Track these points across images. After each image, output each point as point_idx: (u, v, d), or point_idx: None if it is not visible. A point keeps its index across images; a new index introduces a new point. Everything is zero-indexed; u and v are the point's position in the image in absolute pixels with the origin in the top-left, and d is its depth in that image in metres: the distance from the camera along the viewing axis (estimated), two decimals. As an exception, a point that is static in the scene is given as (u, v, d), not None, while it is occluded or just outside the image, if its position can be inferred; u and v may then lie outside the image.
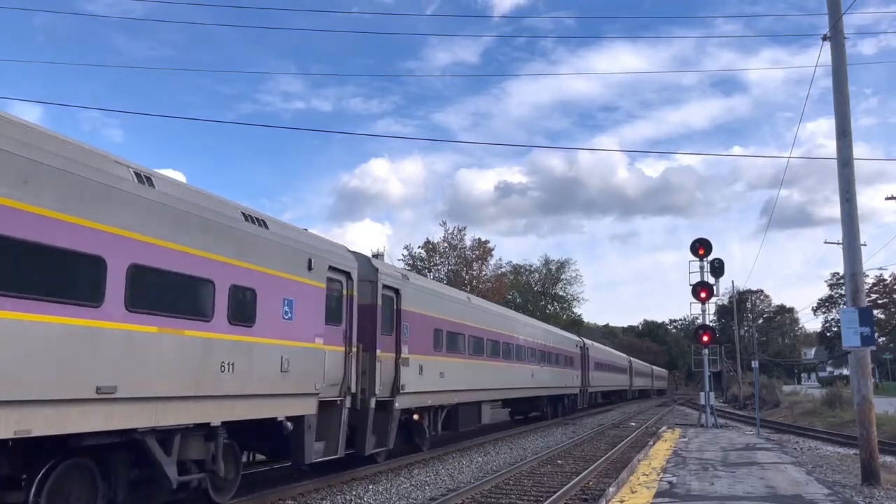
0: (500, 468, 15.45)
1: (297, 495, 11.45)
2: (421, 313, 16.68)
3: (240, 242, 9.98)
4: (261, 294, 10.30)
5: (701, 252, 27.09)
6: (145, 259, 8.16)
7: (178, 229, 8.75)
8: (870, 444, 12.53)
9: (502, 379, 23.45)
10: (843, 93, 13.51)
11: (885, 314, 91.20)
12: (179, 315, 8.68)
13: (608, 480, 13.17)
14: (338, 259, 12.98)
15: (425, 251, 60.14)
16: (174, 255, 8.64)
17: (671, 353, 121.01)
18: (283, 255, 11.03)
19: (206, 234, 9.27)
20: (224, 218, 9.78)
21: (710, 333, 27.45)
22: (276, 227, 11.30)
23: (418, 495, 11.87)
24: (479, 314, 21.80)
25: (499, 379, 23.01)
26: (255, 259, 10.29)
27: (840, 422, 29.26)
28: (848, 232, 13.27)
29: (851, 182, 13.20)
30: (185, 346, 8.75)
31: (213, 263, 9.34)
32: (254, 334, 10.09)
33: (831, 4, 13.95)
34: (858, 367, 12.99)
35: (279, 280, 10.85)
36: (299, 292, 11.36)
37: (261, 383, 10.21)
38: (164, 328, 8.40)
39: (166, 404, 8.44)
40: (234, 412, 9.68)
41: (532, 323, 31.32)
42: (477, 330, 21.03)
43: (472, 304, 22.09)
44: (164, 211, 8.58)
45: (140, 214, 8.17)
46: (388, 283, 15.07)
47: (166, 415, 8.44)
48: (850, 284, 13.17)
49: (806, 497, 10.63)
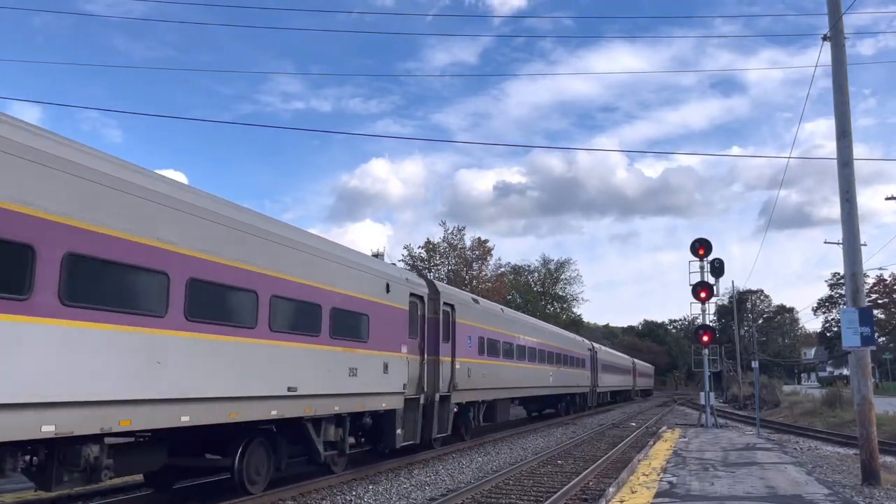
0: (500, 468, 15.44)
1: (297, 495, 11.45)
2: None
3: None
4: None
5: (701, 252, 27.10)
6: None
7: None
8: (870, 444, 12.53)
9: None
10: (844, 93, 13.51)
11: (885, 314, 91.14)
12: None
13: (608, 480, 13.16)
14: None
15: (425, 251, 60.12)
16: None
17: (671, 353, 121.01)
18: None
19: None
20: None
21: (710, 333, 27.44)
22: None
23: (418, 495, 11.86)
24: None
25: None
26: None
27: (840, 422, 29.26)
28: (848, 232, 13.27)
29: (851, 182, 13.19)
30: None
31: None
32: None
33: (831, 4, 13.95)
34: (858, 367, 12.99)
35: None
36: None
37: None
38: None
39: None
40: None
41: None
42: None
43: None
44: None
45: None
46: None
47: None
48: (850, 284, 13.17)
49: (806, 497, 10.63)
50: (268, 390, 10.37)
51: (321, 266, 12.11)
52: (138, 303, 8.22)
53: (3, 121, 7.02)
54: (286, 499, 11.18)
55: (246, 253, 10.12)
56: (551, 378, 30.71)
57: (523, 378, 25.89)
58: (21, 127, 7.24)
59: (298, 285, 11.31)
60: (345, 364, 12.58)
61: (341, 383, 12.45)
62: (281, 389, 10.66)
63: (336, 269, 12.58)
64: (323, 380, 11.88)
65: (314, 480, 12.46)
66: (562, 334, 36.60)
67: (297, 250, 11.50)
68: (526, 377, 26.35)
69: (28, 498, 10.77)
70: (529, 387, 27.28)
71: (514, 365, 24.73)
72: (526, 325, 28.06)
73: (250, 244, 10.26)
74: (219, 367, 9.40)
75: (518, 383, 25.18)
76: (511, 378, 24.12)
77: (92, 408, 7.49)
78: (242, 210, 10.77)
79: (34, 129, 7.48)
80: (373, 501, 11.38)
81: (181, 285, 8.80)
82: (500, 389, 22.74)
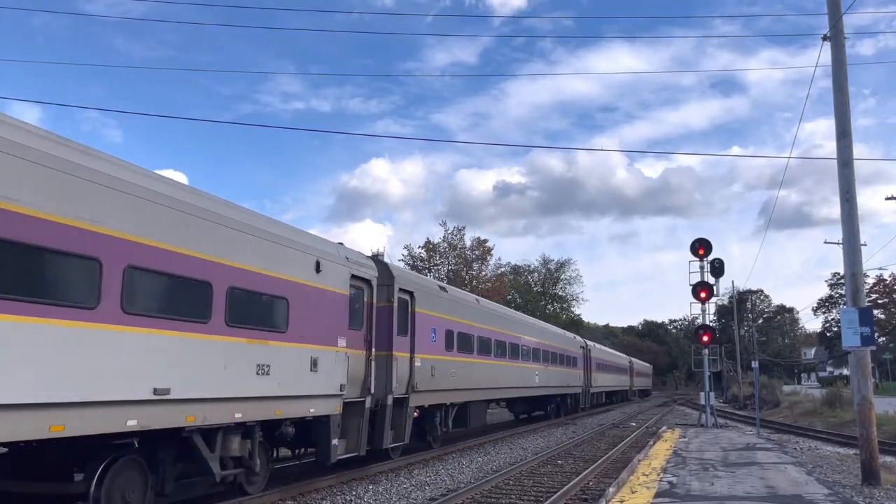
0: (500, 468, 15.44)
1: (297, 495, 11.45)
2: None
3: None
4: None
5: (701, 252, 27.08)
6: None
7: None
8: (870, 444, 12.53)
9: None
10: (844, 92, 13.51)
11: (885, 314, 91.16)
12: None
13: (608, 480, 13.16)
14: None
15: (425, 251, 60.14)
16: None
17: (671, 353, 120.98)
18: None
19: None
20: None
21: (710, 333, 27.42)
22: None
23: (418, 495, 11.87)
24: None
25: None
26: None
27: (840, 422, 29.24)
28: (848, 232, 13.27)
29: (852, 182, 13.19)
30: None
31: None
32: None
33: (831, 4, 13.95)
34: (858, 367, 12.98)
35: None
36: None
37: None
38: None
39: None
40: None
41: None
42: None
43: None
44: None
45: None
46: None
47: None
48: (850, 284, 13.16)
49: (806, 497, 10.62)
50: (121, 393, 7.75)
51: (212, 232, 9.41)
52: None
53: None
54: (286, 499, 11.18)
55: (82, 207, 7.43)
56: (538, 378, 28.25)
57: (503, 377, 23.44)
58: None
59: (170, 254, 8.59)
60: (250, 359, 10.01)
61: (244, 383, 9.86)
62: (143, 392, 8.06)
63: (237, 238, 9.92)
64: (214, 379, 9.23)
65: (314, 480, 12.45)
66: (550, 330, 34.03)
67: (171, 209, 8.74)
68: (507, 376, 23.93)
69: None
70: (511, 387, 24.72)
71: (491, 363, 22.23)
72: (507, 318, 25.63)
73: (91, 195, 7.56)
74: (26, 362, 6.72)
75: (496, 383, 22.68)
76: (487, 377, 21.66)
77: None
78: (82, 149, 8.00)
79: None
80: (373, 501, 11.38)
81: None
82: (473, 391, 20.25)
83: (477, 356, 20.70)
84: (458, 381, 18.89)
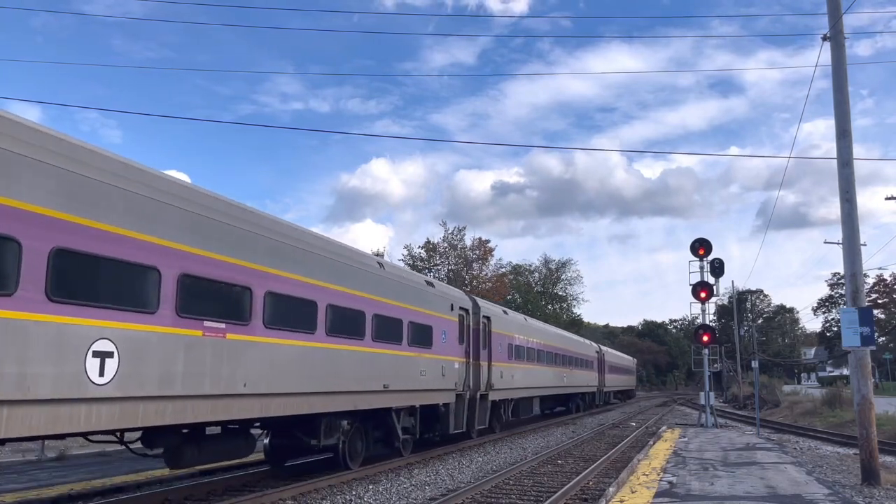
0: (500, 468, 15.44)
1: (297, 495, 11.45)
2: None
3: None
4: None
5: (701, 252, 27.11)
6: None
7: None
8: (870, 444, 12.53)
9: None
10: (843, 92, 13.52)
11: (885, 314, 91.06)
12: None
13: (608, 480, 13.16)
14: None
15: (425, 251, 60.13)
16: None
17: (671, 353, 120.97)
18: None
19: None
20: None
21: (710, 333, 27.44)
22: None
23: (418, 495, 11.86)
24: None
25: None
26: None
27: (840, 422, 29.23)
28: (848, 232, 13.27)
29: (851, 182, 13.20)
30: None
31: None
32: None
33: (831, 4, 13.95)
34: (858, 367, 12.99)
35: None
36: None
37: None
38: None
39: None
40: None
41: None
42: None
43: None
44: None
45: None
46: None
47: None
48: (850, 284, 13.17)
49: (806, 497, 10.63)
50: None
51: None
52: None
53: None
54: (286, 499, 11.18)
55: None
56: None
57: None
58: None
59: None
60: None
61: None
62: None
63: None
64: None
65: (314, 480, 12.46)
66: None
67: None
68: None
69: (29, 497, 10.77)
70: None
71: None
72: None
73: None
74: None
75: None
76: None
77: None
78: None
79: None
80: (373, 501, 11.37)
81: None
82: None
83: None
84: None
